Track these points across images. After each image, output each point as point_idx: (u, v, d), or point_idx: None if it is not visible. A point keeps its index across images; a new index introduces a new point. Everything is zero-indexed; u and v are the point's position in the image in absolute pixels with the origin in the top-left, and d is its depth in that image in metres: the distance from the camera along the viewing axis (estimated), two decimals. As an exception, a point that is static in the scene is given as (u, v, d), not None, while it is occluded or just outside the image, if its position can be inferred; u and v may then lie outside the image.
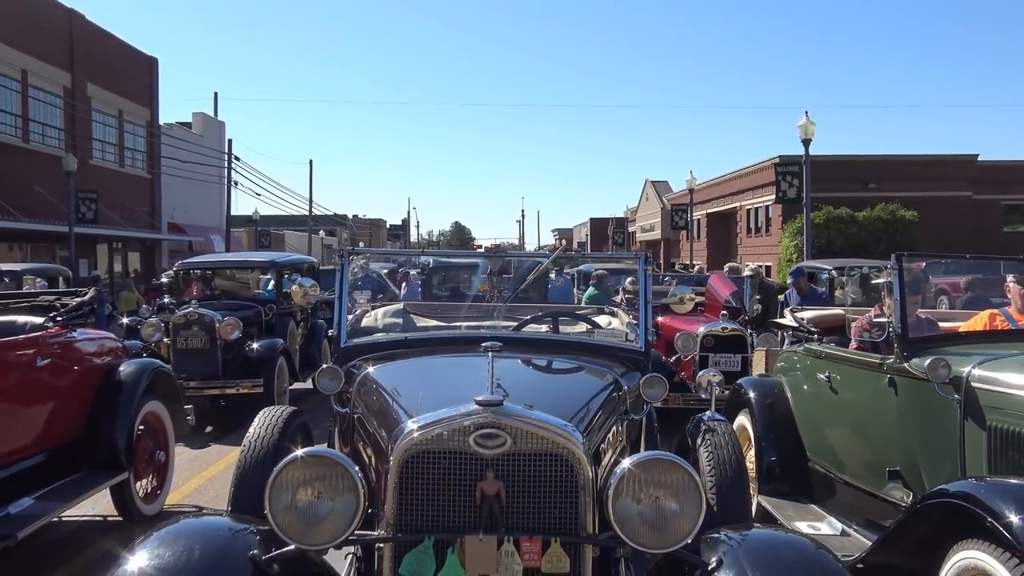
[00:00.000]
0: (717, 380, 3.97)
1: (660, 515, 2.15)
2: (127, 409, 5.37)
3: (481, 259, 4.83)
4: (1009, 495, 2.82)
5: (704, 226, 49.75)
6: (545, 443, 2.20)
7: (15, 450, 4.71)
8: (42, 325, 5.04)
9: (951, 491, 3.00)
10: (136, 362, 5.79)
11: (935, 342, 4.05)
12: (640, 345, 3.70)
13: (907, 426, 4.01)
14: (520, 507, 2.16)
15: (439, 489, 2.18)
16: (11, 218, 24.26)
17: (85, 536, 5.43)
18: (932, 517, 3.14)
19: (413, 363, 3.32)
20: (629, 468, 2.16)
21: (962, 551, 2.95)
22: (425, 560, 2.15)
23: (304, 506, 2.16)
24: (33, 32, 26.78)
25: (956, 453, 3.64)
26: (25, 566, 4.84)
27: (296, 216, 58.93)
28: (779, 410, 5.26)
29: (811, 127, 20.48)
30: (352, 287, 3.94)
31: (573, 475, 2.19)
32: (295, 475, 2.16)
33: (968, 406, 3.61)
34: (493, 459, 2.16)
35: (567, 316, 4.23)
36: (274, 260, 11.26)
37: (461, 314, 4.29)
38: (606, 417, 2.81)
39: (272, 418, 3.50)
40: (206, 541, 2.27)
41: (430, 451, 2.19)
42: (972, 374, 3.62)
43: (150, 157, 35.23)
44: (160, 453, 5.87)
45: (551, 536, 2.14)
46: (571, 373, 3.24)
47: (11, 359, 4.64)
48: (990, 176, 39.95)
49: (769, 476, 5.10)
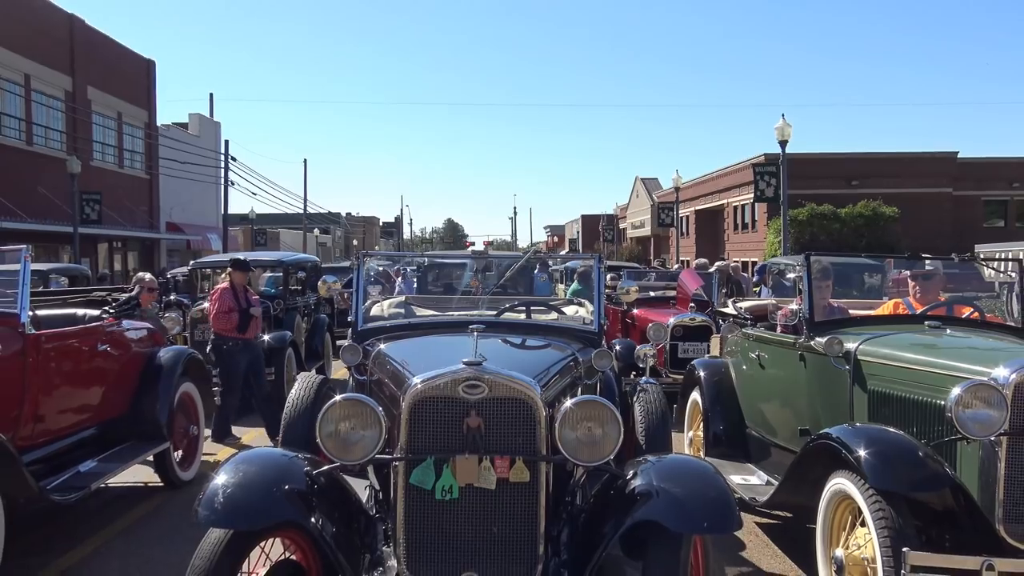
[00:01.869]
0: (652, 354, 4.93)
1: (591, 439, 3.03)
2: (167, 389, 6.27)
3: (469, 259, 5.75)
4: (864, 436, 3.72)
5: (693, 223, 50.61)
6: (512, 391, 3.07)
7: (79, 421, 5.60)
8: (99, 316, 5.94)
9: (829, 434, 3.91)
10: (173, 349, 6.70)
11: (836, 325, 4.96)
12: (595, 328, 4.61)
13: (813, 392, 4.93)
14: (494, 436, 3.03)
15: (437, 424, 3.05)
16: (17, 219, 25.03)
17: (128, 501, 6.29)
18: (816, 457, 4.06)
19: (415, 341, 4.22)
20: (569, 407, 3.05)
21: (833, 480, 3.86)
22: (428, 473, 3.03)
23: (343, 434, 3.04)
24: (36, 37, 27.52)
25: (847, 411, 4.55)
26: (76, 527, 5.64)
27: (291, 214, 59.59)
28: (724, 386, 6.18)
29: (787, 129, 21.43)
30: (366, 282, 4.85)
31: (532, 414, 3.06)
32: (337, 412, 3.04)
33: (855, 374, 4.52)
34: (475, 402, 3.03)
35: (539, 306, 5.14)
36: (281, 259, 12.20)
37: (452, 305, 5.20)
38: (561, 378, 3.71)
39: (309, 382, 4.45)
40: (274, 461, 3.16)
41: (430, 397, 3.06)
42: (858, 349, 4.53)
43: (148, 158, 35.98)
44: (193, 427, 6.77)
45: (516, 455, 3.01)
46: (538, 348, 4.12)
47: (77, 345, 5.53)
48: (970, 173, 40.70)
49: (715, 442, 6.02)
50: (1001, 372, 3.64)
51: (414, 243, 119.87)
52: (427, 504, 3.03)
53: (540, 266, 6.46)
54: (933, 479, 3.53)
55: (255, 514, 2.91)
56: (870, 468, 3.52)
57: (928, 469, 3.53)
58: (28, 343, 4.93)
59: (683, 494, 2.96)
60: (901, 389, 4.18)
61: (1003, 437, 3.55)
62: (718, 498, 2.97)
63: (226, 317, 8.02)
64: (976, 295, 6.14)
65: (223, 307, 8.01)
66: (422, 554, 3.03)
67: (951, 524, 3.65)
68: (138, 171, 35.41)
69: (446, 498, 3.02)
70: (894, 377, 4.26)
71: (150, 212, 36.00)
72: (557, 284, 12.24)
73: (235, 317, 7.99)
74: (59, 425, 5.33)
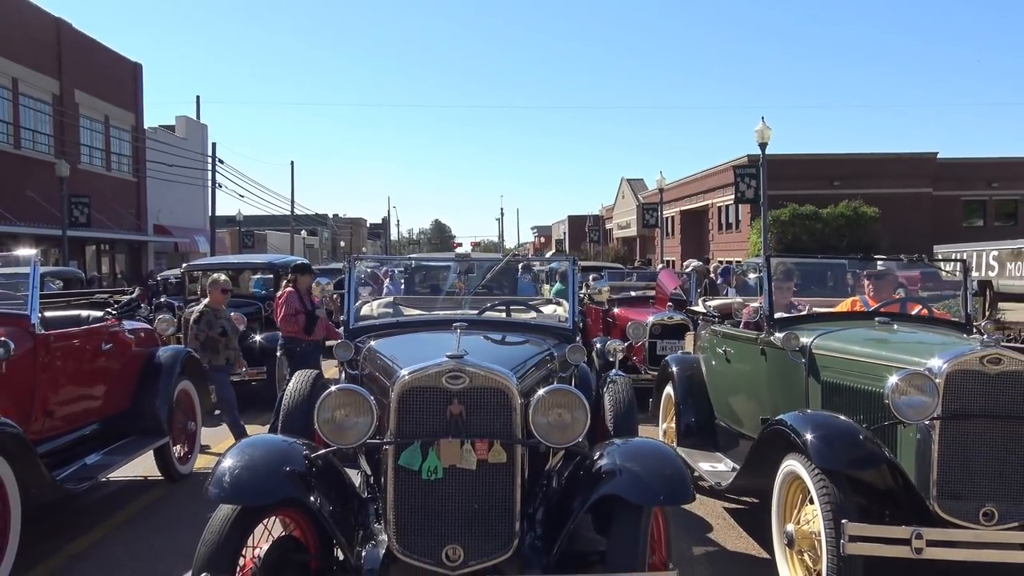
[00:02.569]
0: (621, 349, 5.31)
1: (561, 423, 3.36)
2: (166, 386, 6.58)
3: (452, 262, 6.11)
4: (811, 422, 4.08)
5: (678, 223, 51.07)
6: (490, 382, 3.40)
7: (85, 417, 5.91)
8: (103, 317, 6.26)
9: (782, 421, 4.27)
10: (171, 348, 7.02)
11: (795, 321, 5.34)
12: (570, 325, 4.97)
13: (773, 384, 5.31)
14: (474, 422, 3.36)
15: (423, 411, 3.37)
16: (6, 222, 25.19)
17: (130, 493, 6.60)
18: (771, 442, 4.42)
19: (403, 338, 4.54)
20: (541, 395, 3.39)
21: (786, 462, 4.23)
22: (415, 455, 3.36)
23: (338, 420, 3.37)
24: (23, 41, 27.65)
25: (803, 401, 4.91)
26: (79, 519, 5.93)
27: (277, 216, 59.67)
28: (695, 381, 6.55)
29: (767, 131, 21.86)
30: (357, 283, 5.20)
31: (508, 402, 3.40)
32: (333, 401, 3.36)
33: (810, 366, 4.89)
34: (457, 392, 3.36)
35: (519, 305, 5.48)
36: (272, 262, 12.51)
37: (437, 304, 5.55)
38: (537, 370, 4.06)
39: (305, 376, 4.80)
40: (276, 445, 3.49)
41: (417, 387, 3.39)
42: (813, 343, 4.90)
43: (135, 161, 36.12)
44: (191, 423, 7.09)
45: (494, 439, 3.35)
46: (516, 344, 4.46)
47: (82, 344, 5.84)
48: (949, 173, 41.33)
49: (687, 433, 6.39)
50: (935, 363, 4.01)
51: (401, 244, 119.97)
52: (414, 484, 3.36)
53: (524, 268, 6.81)
54: (871, 459, 3.91)
55: (260, 491, 3.25)
56: (815, 450, 3.89)
57: (866, 450, 3.91)
58: (38, 343, 5.25)
59: (642, 471, 3.31)
60: (850, 379, 4.56)
61: (936, 421, 3.92)
62: (674, 474, 3.32)
63: (293, 319, 8.36)
64: (939, 294, 6.54)
65: (290, 310, 8.37)
66: (410, 529, 3.36)
67: (890, 500, 4.02)
68: (125, 174, 35.53)
69: (431, 478, 3.35)
70: (844, 369, 4.63)
71: (137, 215, 36.13)
72: (543, 285, 12.62)
73: (302, 319, 8.34)
74: (66, 420, 5.64)
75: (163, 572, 4.75)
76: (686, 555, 5.02)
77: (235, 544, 3.23)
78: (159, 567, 4.84)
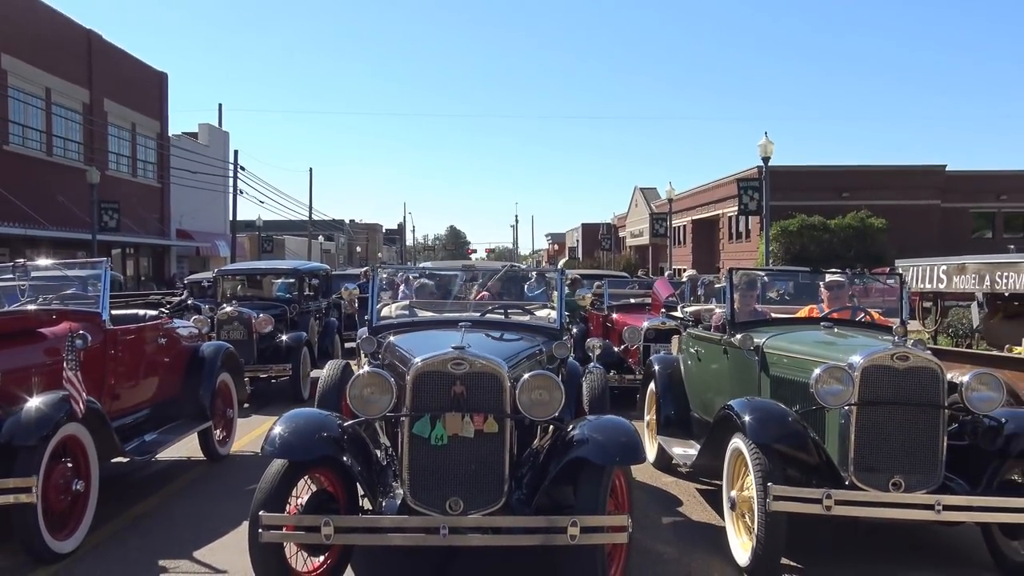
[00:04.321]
0: (599, 345, 6.21)
1: (541, 400, 4.22)
2: (210, 377, 7.51)
3: (460, 272, 7.05)
4: (750, 406, 4.93)
5: (690, 232, 51.80)
6: (486, 368, 4.26)
7: (142, 402, 6.83)
8: (157, 316, 7.20)
9: (730, 407, 5.12)
10: (213, 344, 7.95)
11: (753, 325, 6.19)
12: (557, 325, 5.86)
13: (733, 378, 6.16)
14: (472, 399, 4.21)
15: (432, 390, 4.24)
16: (39, 226, 26.33)
17: (177, 470, 7.51)
18: (723, 425, 5.28)
19: (418, 334, 5.43)
20: (525, 378, 4.26)
21: (732, 441, 5.09)
22: (425, 425, 4.23)
23: (366, 396, 4.26)
24: (56, 53, 28.85)
25: (756, 392, 5.74)
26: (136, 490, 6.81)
27: (295, 221, 60.88)
28: (674, 378, 7.40)
29: (770, 146, 22.67)
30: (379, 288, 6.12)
31: (500, 384, 4.24)
32: (362, 380, 4.25)
33: (762, 363, 5.75)
34: (459, 376, 4.22)
35: (516, 309, 6.36)
36: (297, 268, 13.51)
37: (447, 307, 6.44)
38: (528, 361, 4.95)
39: (337, 366, 5.75)
40: (315, 415, 4.40)
41: (428, 372, 4.25)
42: (764, 343, 5.76)
43: (160, 167, 37.33)
44: (229, 411, 8.01)
45: (488, 413, 4.22)
46: (511, 340, 5.33)
47: (141, 339, 6.77)
48: (958, 186, 41.80)
49: (666, 423, 7.24)
50: (855, 359, 4.85)
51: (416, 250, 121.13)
52: (424, 449, 4.24)
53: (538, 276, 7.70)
54: (795, 436, 4.77)
55: (304, 449, 4.16)
56: (751, 429, 4.75)
57: (792, 429, 4.77)
58: (108, 337, 6.18)
59: (604, 440, 4.19)
60: (790, 373, 5.41)
61: (853, 407, 4.76)
62: (628, 442, 4.20)
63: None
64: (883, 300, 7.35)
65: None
66: (420, 485, 4.24)
67: (815, 472, 4.86)
68: (150, 180, 36.72)
69: (438, 444, 4.23)
70: (787, 364, 5.49)
71: (161, 219, 37.30)
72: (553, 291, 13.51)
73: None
74: (127, 404, 6.56)
75: (212, 529, 5.65)
76: (655, 523, 5.88)
77: (283, 492, 4.13)
78: (208, 525, 5.73)
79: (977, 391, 4.84)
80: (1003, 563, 4.91)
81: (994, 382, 4.88)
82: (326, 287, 14.33)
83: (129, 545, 5.37)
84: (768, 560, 4.62)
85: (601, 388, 5.87)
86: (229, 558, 5.05)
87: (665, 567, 5.03)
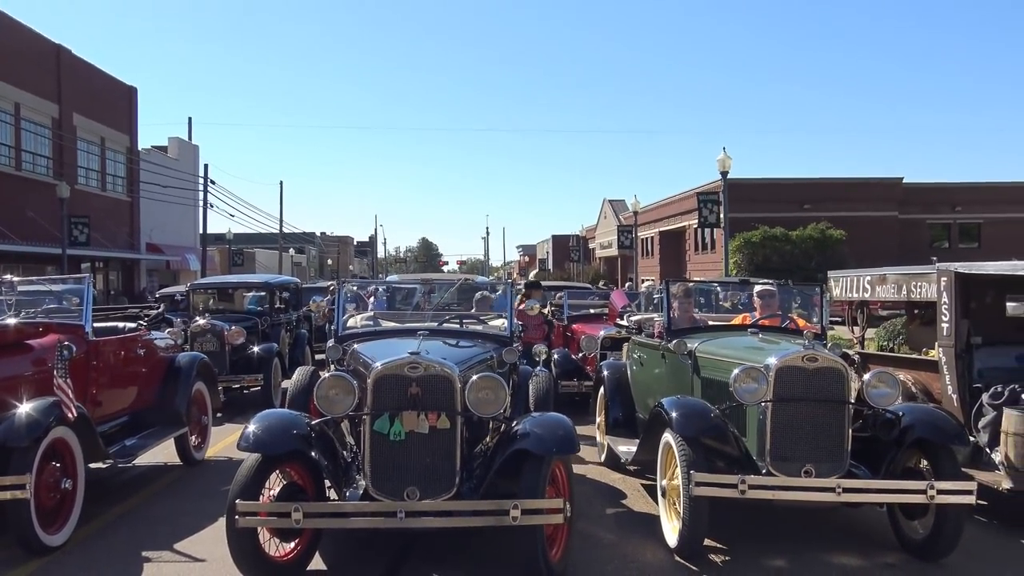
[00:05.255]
0: (543, 350, 6.79)
1: (487, 399, 4.75)
2: (185, 386, 7.95)
3: (419, 285, 7.62)
4: (677, 404, 5.50)
5: (657, 243, 52.69)
6: (438, 371, 4.76)
7: (121, 409, 7.26)
8: (136, 328, 7.64)
9: (661, 404, 5.69)
10: (188, 354, 8.40)
11: (688, 332, 6.79)
12: (507, 334, 6.41)
13: (670, 382, 6.73)
14: (427, 399, 4.73)
15: (390, 391, 4.76)
16: (9, 241, 26.43)
17: (155, 473, 7.92)
18: (656, 421, 5.85)
19: (380, 342, 5.95)
20: (473, 379, 4.79)
21: (663, 435, 5.66)
22: (384, 423, 4.73)
23: (331, 397, 4.77)
24: (26, 67, 29.00)
25: (689, 392, 6.34)
26: (118, 492, 7.19)
27: (266, 234, 60.97)
28: (621, 382, 7.97)
29: (728, 161, 23.49)
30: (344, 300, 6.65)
31: (451, 385, 4.75)
32: (327, 383, 4.76)
33: (694, 366, 6.34)
34: (415, 378, 4.73)
35: (470, 319, 6.90)
36: (268, 282, 13.96)
37: (407, 317, 6.97)
38: (480, 365, 5.49)
39: (305, 371, 6.26)
40: (286, 415, 4.90)
41: (386, 375, 4.76)
42: (696, 348, 6.35)
43: (129, 181, 37.43)
44: (204, 418, 8.45)
45: (441, 411, 4.74)
46: (464, 346, 5.87)
47: (121, 349, 7.21)
48: (915, 197, 43.02)
49: (614, 424, 7.81)
50: (771, 360, 5.44)
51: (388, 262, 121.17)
52: (384, 443, 4.75)
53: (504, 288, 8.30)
54: (715, 428, 5.36)
55: (275, 444, 4.66)
56: (677, 423, 5.32)
57: (712, 422, 5.36)
58: (90, 347, 6.62)
59: (544, 433, 4.73)
60: (718, 374, 6.00)
61: (769, 403, 5.35)
62: (565, 435, 4.75)
63: (537, 329, 10.43)
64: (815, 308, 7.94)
65: (535, 322, 10.33)
66: (381, 476, 4.74)
67: (737, 463, 5.44)
68: (120, 194, 36.79)
69: (396, 439, 4.74)
70: (714, 366, 6.08)
71: (131, 233, 37.37)
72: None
73: (545, 329, 10.54)
74: (109, 411, 6.99)
75: (190, 525, 6.10)
76: (600, 513, 6.44)
77: (257, 483, 4.62)
78: (187, 521, 6.18)
79: (876, 388, 5.45)
80: (905, 541, 5.52)
81: (891, 380, 5.50)
82: (296, 300, 14.78)
83: (114, 539, 5.82)
84: (693, 540, 5.19)
85: (545, 389, 6.44)
86: (207, 549, 5.52)
87: (603, 550, 5.58)
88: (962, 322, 6.72)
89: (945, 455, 5.26)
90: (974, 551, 5.54)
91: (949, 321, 6.73)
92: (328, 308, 8.06)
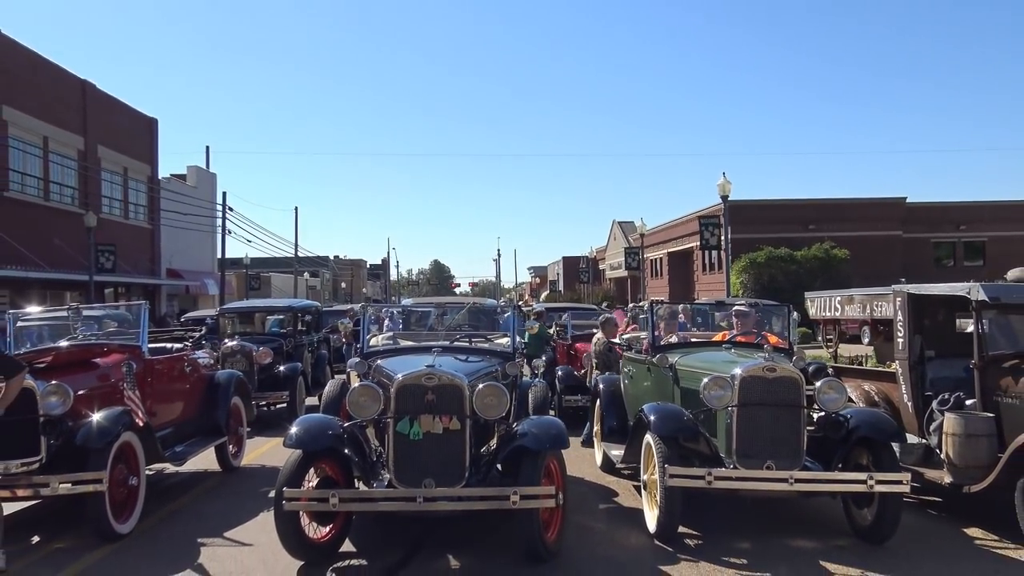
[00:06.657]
0: (541, 364, 7.72)
1: (491, 405, 5.65)
2: (225, 399, 8.89)
3: (433, 308, 8.58)
4: (655, 409, 6.39)
5: (666, 264, 53.45)
6: (451, 381, 5.67)
7: (170, 420, 8.20)
8: (183, 347, 8.60)
9: (643, 410, 6.57)
10: (226, 372, 9.35)
11: (670, 348, 7.69)
12: (511, 350, 7.33)
13: (655, 392, 7.61)
14: (440, 404, 5.63)
15: (410, 398, 5.67)
16: (37, 268, 27.57)
17: (197, 479, 8.84)
18: (639, 425, 6.72)
19: (400, 357, 6.88)
20: (479, 388, 5.70)
21: (645, 437, 6.53)
22: (405, 425, 5.63)
23: (361, 402, 5.68)
24: (53, 103, 30.28)
25: (671, 402, 7.24)
26: (166, 494, 8.12)
27: (281, 259, 62.17)
28: (615, 395, 8.86)
29: (728, 185, 24.39)
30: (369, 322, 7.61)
31: (461, 393, 5.64)
32: (357, 391, 5.68)
33: (675, 378, 7.23)
34: (431, 387, 5.64)
35: (479, 337, 7.81)
36: (291, 306, 14.95)
37: (423, 336, 7.90)
38: (486, 376, 6.37)
39: (337, 382, 7.21)
40: (322, 418, 5.83)
41: (407, 384, 5.66)
42: (676, 361, 7.24)
43: (151, 209, 38.65)
44: (241, 428, 9.38)
45: (453, 414, 5.63)
46: (473, 361, 6.78)
47: (171, 367, 8.17)
48: (918, 217, 43.56)
49: (609, 433, 8.68)
50: (736, 371, 6.32)
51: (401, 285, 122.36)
52: (405, 442, 5.65)
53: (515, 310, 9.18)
54: (688, 429, 6.24)
55: (315, 441, 5.58)
56: (655, 426, 6.21)
57: (684, 424, 6.25)
58: (146, 365, 7.58)
59: (539, 432, 5.63)
60: (693, 384, 6.88)
61: (735, 408, 6.23)
62: (557, 434, 5.65)
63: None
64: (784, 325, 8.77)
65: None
66: (402, 470, 5.63)
67: (708, 460, 6.30)
68: (141, 222, 37.94)
69: (415, 439, 5.64)
70: (691, 377, 6.97)
71: (152, 259, 38.53)
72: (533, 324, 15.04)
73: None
74: (161, 421, 7.92)
75: (236, 518, 7.00)
76: (593, 508, 7.31)
77: (299, 475, 5.53)
78: (233, 515, 7.09)
79: (827, 394, 6.33)
80: (855, 527, 6.36)
81: (839, 387, 6.38)
82: (317, 323, 15.75)
83: (172, 530, 6.74)
84: (668, 525, 6.06)
85: (543, 398, 7.38)
86: (253, 536, 6.44)
87: (594, 536, 6.45)
88: (915, 337, 7.57)
89: (884, 451, 6.12)
90: (919, 537, 6.39)
91: (904, 336, 7.59)
92: (352, 329, 9.03)
